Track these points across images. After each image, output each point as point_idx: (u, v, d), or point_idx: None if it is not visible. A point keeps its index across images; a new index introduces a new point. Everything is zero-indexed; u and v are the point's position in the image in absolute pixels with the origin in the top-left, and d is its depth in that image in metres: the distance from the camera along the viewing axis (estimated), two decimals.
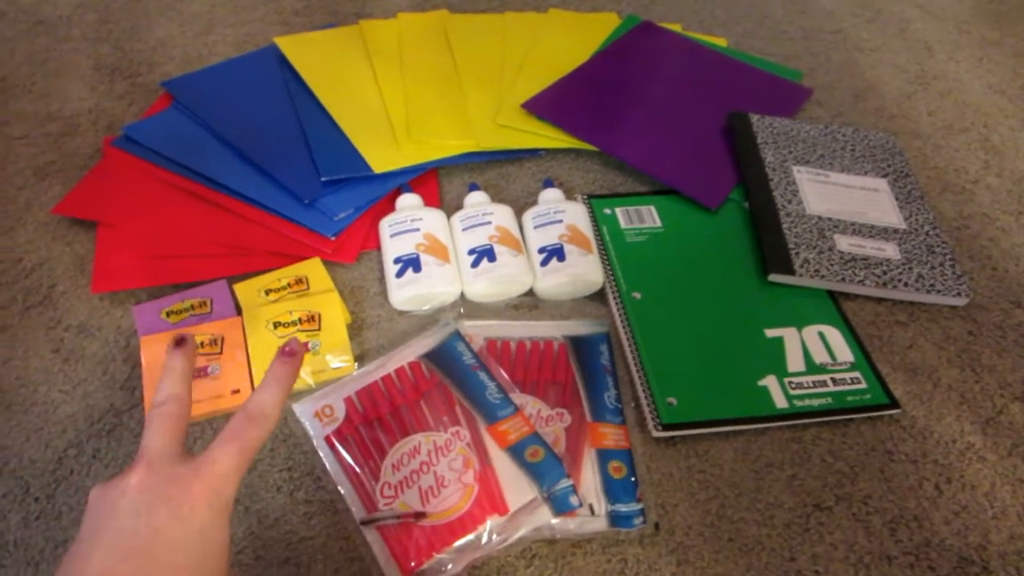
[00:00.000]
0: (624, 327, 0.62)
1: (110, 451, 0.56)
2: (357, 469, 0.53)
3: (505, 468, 0.53)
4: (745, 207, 0.73)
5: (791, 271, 0.65)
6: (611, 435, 0.55)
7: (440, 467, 0.53)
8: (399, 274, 0.64)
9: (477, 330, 0.61)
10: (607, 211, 0.71)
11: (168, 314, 0.62)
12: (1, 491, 0.54)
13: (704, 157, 0.77)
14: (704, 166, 0.76)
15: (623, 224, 0.70)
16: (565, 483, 0.52)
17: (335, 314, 0.61)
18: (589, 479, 0.53)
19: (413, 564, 0.49)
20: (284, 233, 0.68)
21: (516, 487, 0.52)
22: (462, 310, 0.64)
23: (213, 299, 0.63)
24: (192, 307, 0.63)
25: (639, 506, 0.52)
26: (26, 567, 0.50)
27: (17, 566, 0.50)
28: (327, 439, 0.55)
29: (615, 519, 0.52)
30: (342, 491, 0.52)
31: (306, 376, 0.58)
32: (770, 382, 0.59)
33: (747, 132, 0.78)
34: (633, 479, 0.53)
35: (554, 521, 0.51)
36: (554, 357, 0.60)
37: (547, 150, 0.78)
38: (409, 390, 0.57)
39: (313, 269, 0.65)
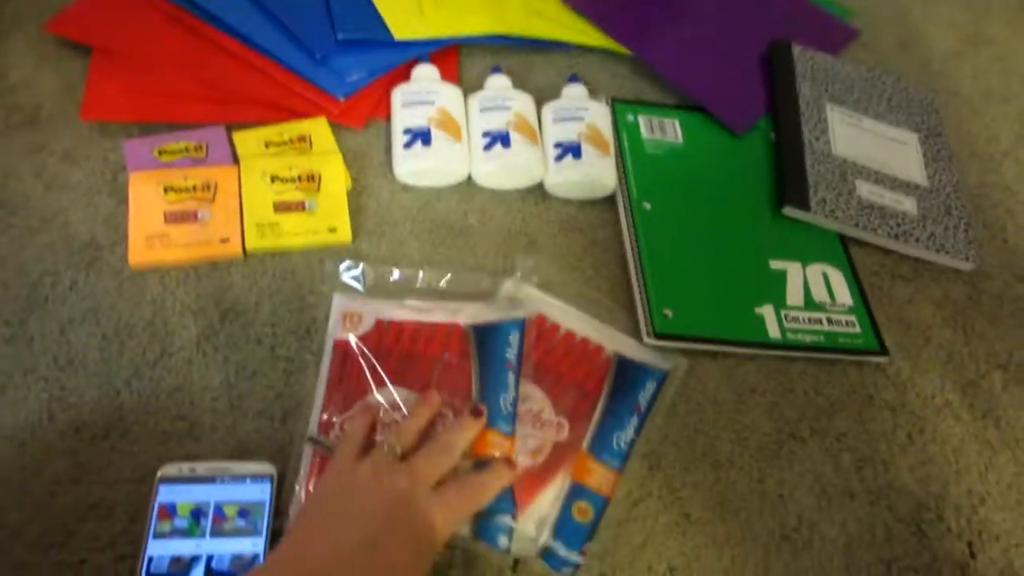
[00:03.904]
0: (630, 234, 0.59)
1: (88, 284, 0.53)
2: (337, 388, 0.49)
3: (460, 471, 0.46)
4: (771, 138, 0.69)
5: (807, 207, 0.62)
6: (598, 476, 0.48)
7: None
8: (407, 145, 0.59)
9: (534, 303, 0.54)
10: (630, 117, 0.67)
11: (161, 152, 0.58)
12: None
13: (738, 80, 0.72)
14: (737, 89, 0.71)
15: (644, 133, 0.66)
16: (506, 520, 0.45)
17: (336, 176, 0.57)
18: (545, 506, 0.47)
19: None
20: (290, 87, 0.63)
21: None
22: (534, 279, 0.55)
23: (209, 143, 0.59)
24: (187, 149, 0.58)
25: (578, 559, 0.45)
26: None
27: None
28: (336, 343, 0.51)
29: (548, 556, 0.45)
30: (316, 397, 0.49)
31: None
32: (767, 311, 0.57)
33: (787, 62, 0.72)
34: (591, 530, 0.46)
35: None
36: (595, 363, 0.53)
37: (578, 46, 0.72)
38: (435, 346, 0.51)
39: (318, 128, 0.60)
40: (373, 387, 0.49)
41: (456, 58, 0.69)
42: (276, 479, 0.45)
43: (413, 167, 0.59)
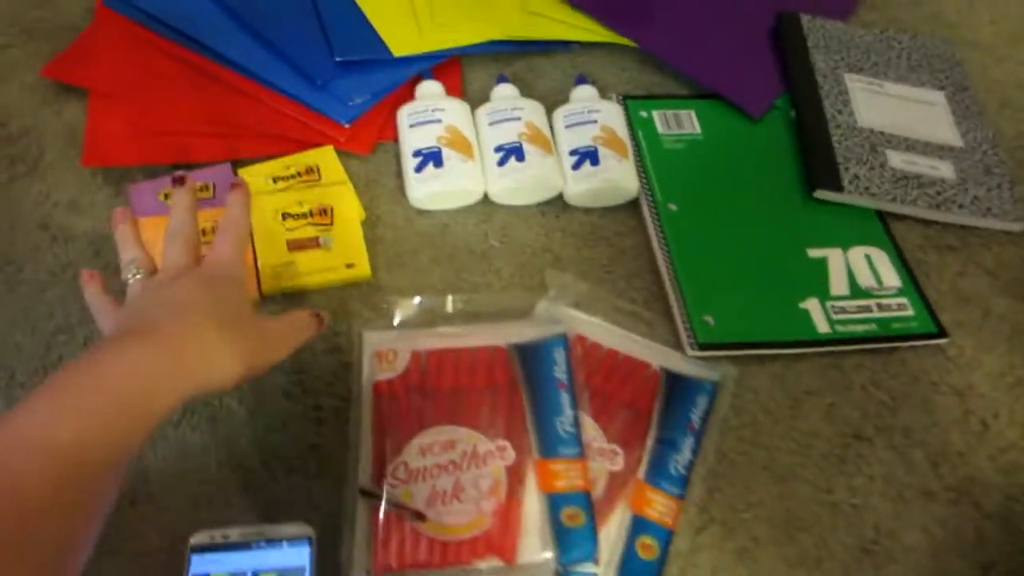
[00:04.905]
0: (659, 240, 0.55)
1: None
2: (386, 435, 0.45)
3: (533, 514, 0.43)
4: (791, 116, 0.64)
5: (839, 187, 0.58)
6: (659, 506, 0.44)
7: (466, 476, 0.44)
8: (418, 168, 0.55)
9: (573, 322, 0.50)
10: (643, 114, 0.62)
11: (167, 196, 0.54)
12: None
13: (749, 60, 0.67)
14: (749, 70, 0.66)
15: (660, 129, 0.62)
16: (590, 568, 0.42)
17: (349, 208, 0.53)
18: (607, 546, 0.43)
19: (389, 564, 0.41)
20: (293, 116, 0.59)
21: (534, 541, 0.42)
22: (574, 304, 0.50)
23: (216, 184, 0.55)
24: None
25: None
26: None
27: None
28: (376, 386, 0.47)
29: None
30: (361, 447, 0.44)
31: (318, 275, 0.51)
32: (812, 305, 0.53)
33: (797, 34, 0.68)
34: (659, 567, 0.42)
35: None
36: (642, 381, 0.48)
37: (580, 43, 0.68)
38: (480, 374, 0.47)
39: (325, 158, 0.56)
40: (423, 428, 0.45)
41: (459, 70, 0.65)
42: (314, 540, 0.41)
43: (427, 191, 0.55)
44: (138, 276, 0.41)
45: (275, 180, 0.54)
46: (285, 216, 0.52)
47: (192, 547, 0.41)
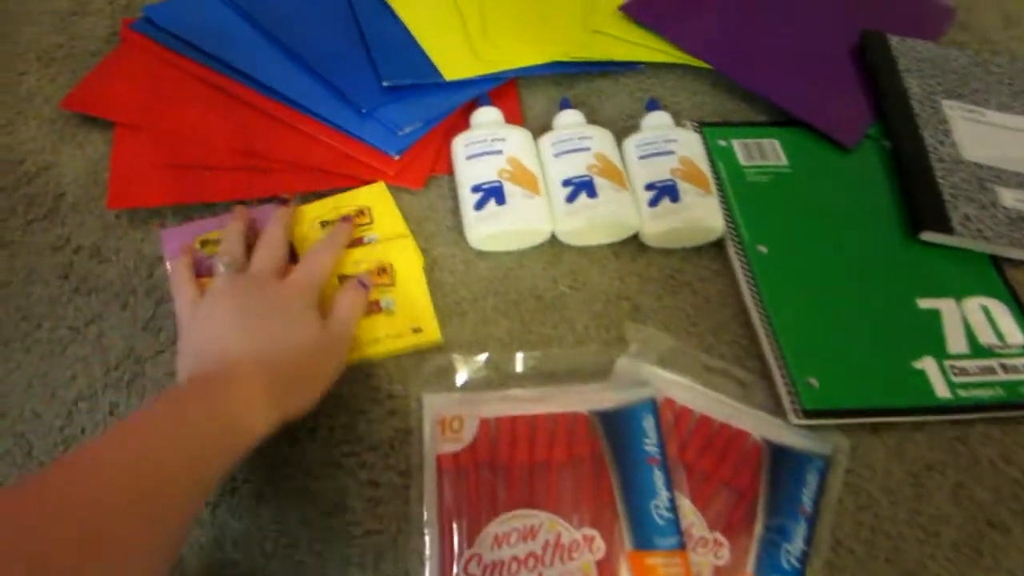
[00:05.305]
0: (750, 289, 0.49)
1: (130, 407, 0.43)
2: (454, 520, 0.39)
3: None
4: (885, 146, 0.58)
5: (948, 229, 0.51)
6: None
7: (550, 573, 0.38)
8: (479, 206, 0.49)
9: (659, 382, 0.44)
10: (722, 143, 0.56)
11: (204, 244, 0.48)
12: None
13: (834, 84, 0.60)
14: (835, 95, 0.60)
15: (742, 160, 0.55)
16: None
17: (411, 263, 0.47)
18: None
19: None
20: (337, 147, 0.53)
21: None
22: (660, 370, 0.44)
23: (258, 227, 0.49)
24: None
25: None
26: None
27: None
28: (439, 460, 0.41)
29: None
30: (426, 535, 0.39)
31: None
32: (928, 365, 0.46)
33: (886, 57, 0.61)
34: None
35: None
36: (742, 455, 0.42)
37: (647, 64, 0.62)
38: (560, 447, 0.41)
39: (377, 197, 0.50)
40: (497, 513, 0.39)
41: (516, 94, 0.59)
42: None
43: (489, 231, 0.49)
44: (228, 267, 0.43)
45: (323, 224, 0.49)
46: (341, 279, 0.46)
47: None
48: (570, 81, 0.60)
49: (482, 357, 0.45)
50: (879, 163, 0.56)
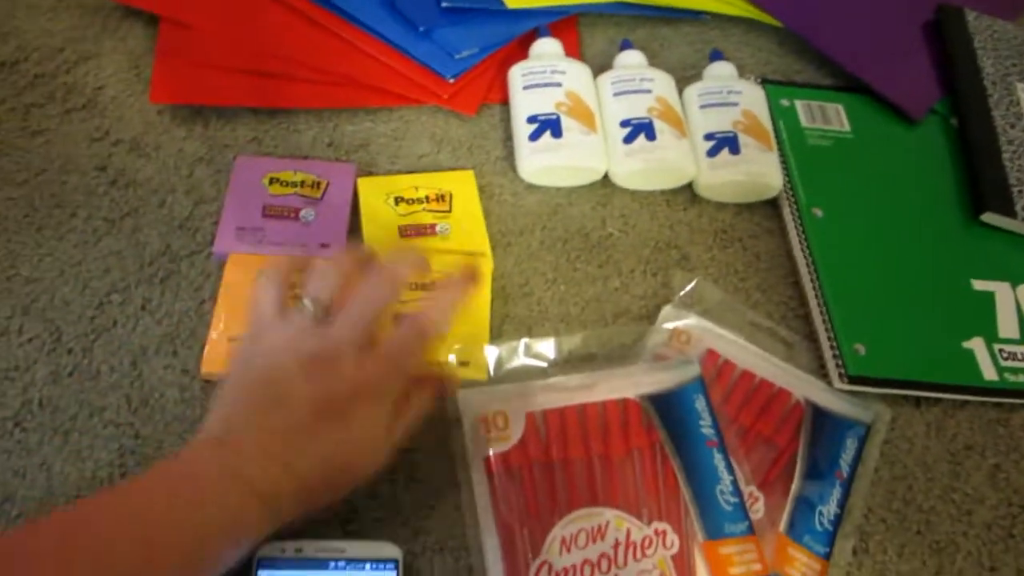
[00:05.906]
0: (802, 249, 0.47)
1: (163, 304, 0.42)
2: (515, 525, 0.36)
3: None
4: (952, 124, 0.55)
5: (1011, 212, 0.49)
6: (802, 566, 0.36)
7: (626, 573, 0.35)
8: (533, 136, 0.47)
9: (703, 334, 0.42)
10: (785, 103, 0.54)
11: (271, 181, 0.46)
12: (28, 335, 0.40)
13: (907, 54, 0.58)
14: (906, 65, 0.57)
15: (804, 122, 0.53)
16: None
17: (486, 283, 0.43)
18: None
19: None
20: (392, 65, 0.51)
21: None
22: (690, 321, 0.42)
23: (330, 182, 0.46)
24: (301, 183, 0.46)
25: None
26: (53, 434, 0.37)
27: (42, 431, 0.37)
28: (487, 461, 0.37)
29: None
30: (485, 546, 0.35)
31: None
32: (977, 346, 0.45)
33: (961, 33, 0.58)
34: None
35: None
36: (783, 413, 0.40)
37: (713, 15, 0.59)
38: (616, 438, 0.38)
39: (462, 186, 0.47)
40: (560, 514, 0.36)
41: (575, 31, 0.57)
42: (402, 565, 0.35)
43: (542, 164, 0.47)
44: (308, 309, 0.35)
45: (397, 201, 0.46)
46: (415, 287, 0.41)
47: (259, 559, 0.34)
48: (631, 24, 0.58)
49: (516, 344, 0.42)
50: (943, 139, 0.54)
